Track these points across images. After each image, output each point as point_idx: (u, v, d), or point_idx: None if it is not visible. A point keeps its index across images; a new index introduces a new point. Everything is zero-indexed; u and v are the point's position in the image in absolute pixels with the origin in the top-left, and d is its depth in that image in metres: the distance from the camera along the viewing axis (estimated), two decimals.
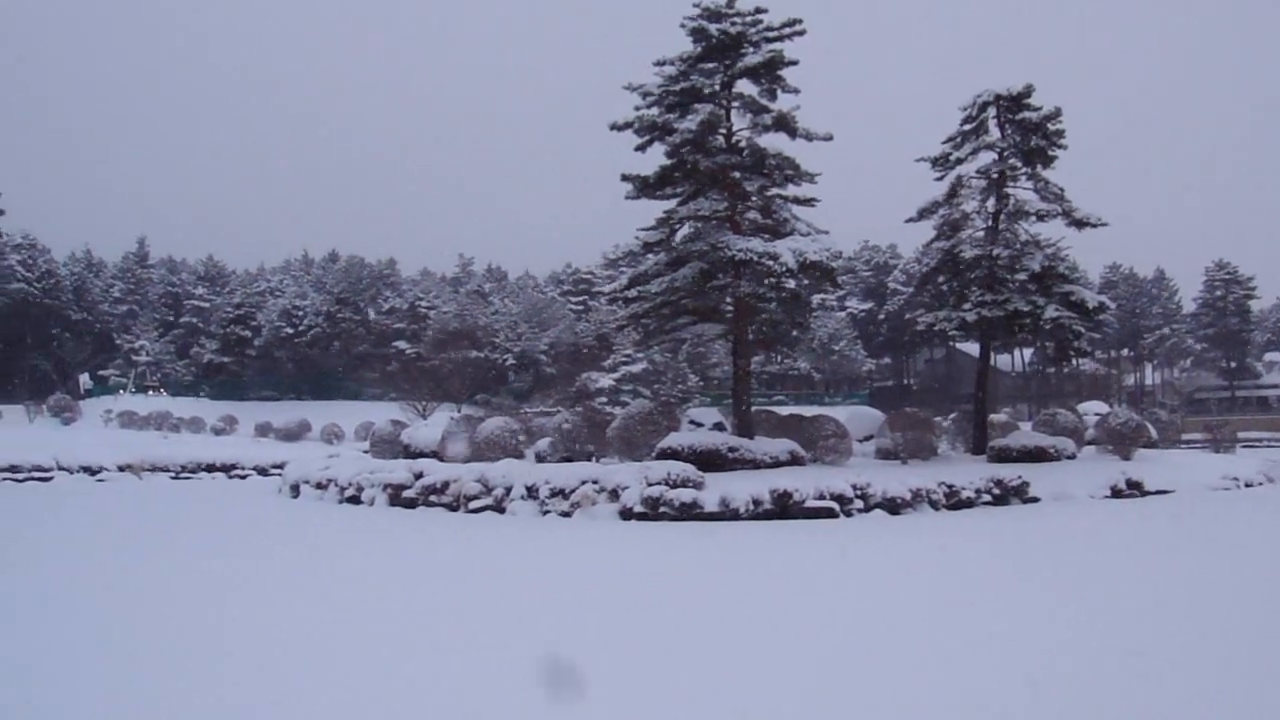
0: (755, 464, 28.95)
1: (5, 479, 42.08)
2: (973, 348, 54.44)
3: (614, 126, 33.48)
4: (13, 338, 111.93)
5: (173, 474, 46.32)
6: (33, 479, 42.49)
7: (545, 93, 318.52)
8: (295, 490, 34.27)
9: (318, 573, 16.43)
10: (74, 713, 8.02)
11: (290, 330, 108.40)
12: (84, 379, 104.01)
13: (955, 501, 26.73)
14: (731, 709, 8.02)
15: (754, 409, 35.00)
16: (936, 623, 11.39)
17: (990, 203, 37.13)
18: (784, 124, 32.71)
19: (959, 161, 36.94)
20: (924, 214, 37.89)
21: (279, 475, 40.35)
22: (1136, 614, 11.87)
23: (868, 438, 38.78)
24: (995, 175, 36.58)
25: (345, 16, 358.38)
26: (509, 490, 26.71)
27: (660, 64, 33.46)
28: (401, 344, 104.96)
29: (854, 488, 24.88)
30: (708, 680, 8.83)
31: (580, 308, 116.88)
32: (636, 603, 12.83)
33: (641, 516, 23.80)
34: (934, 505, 26.14)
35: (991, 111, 36.81)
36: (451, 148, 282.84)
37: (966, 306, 35.98)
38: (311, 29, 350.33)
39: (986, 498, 27.50)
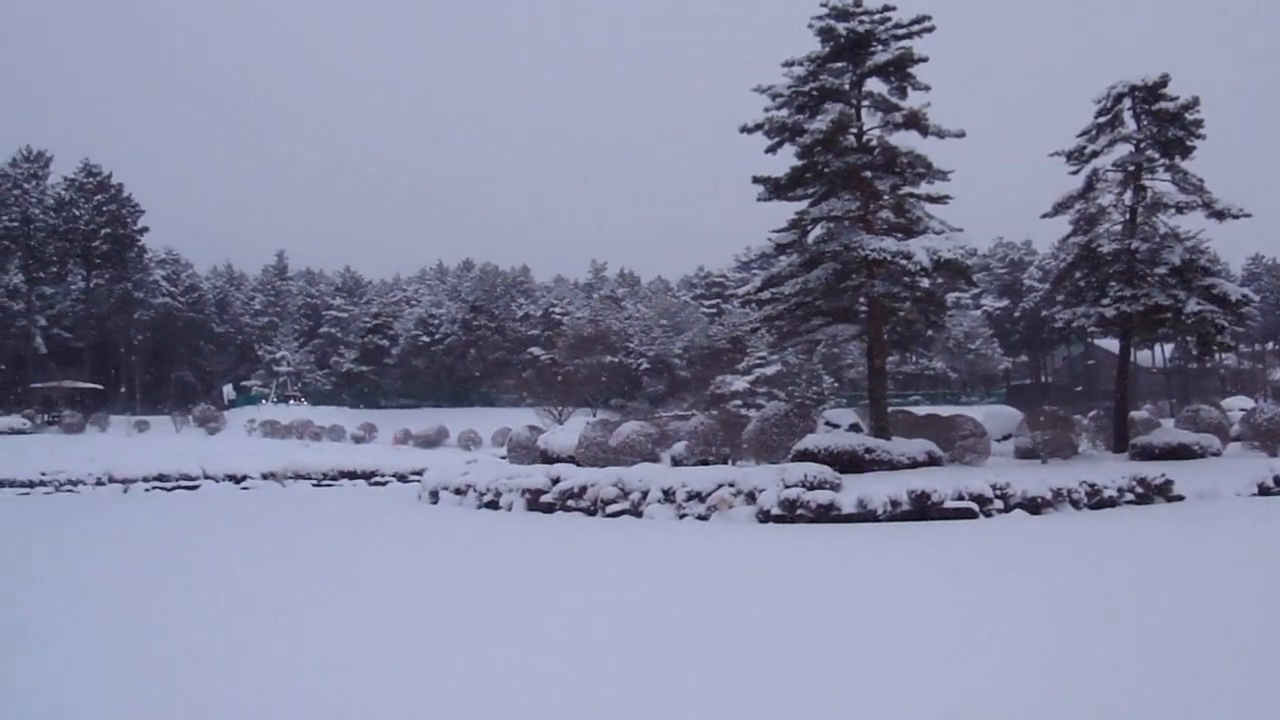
0: (892, 465, 28.71)
1: (155, 488, 43.21)
2: (1112, 344, 53.55)
3: (744, 129, 33.43)
4: (159, 350, 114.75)
5: (314, 481, 47.18)
6: (180, 488, 43.60)
7: (675, 96, 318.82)
8: (434, 496, 34.68)
9: (460, 576, 16.63)
10: (289, 695, 8.24)
11: (427, 338, 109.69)
12: (228, 390, 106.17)
13: (1097, 501, 26.22)
14: None
15: (890, 409, 34.74)
16: (1109, 626, 11.16)
17: (1127, 196, 36.36)
18: (915, 122, 32.45)
19: (1094, 155, 36.23)
20: (1059, 209, 37.24)
21: (418, 481, 40.84)
22: None
23: (1006, 437, 38.31)
24: (1132, 168, 35.83)
25: (473, 25, 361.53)
26: (646, 494, 26.79)
27: (789, 65, 33.37)
28: (536, 350, 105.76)
29: (993, 488, 24.53)
30: (867, 690, 8.64)
31: (713, 310, 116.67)
32: (781, 607, 12.70)
33: (779, 519, 23.72)
34: (1075, 505, 25.67)
35: (1127, 103, 36.03)
36: (584, 153, 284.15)
37: (1105, 302, 35.30)
38: (440, 39, 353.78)
39: (1130, 497, 26.94)
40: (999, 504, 24.31)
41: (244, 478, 46.02)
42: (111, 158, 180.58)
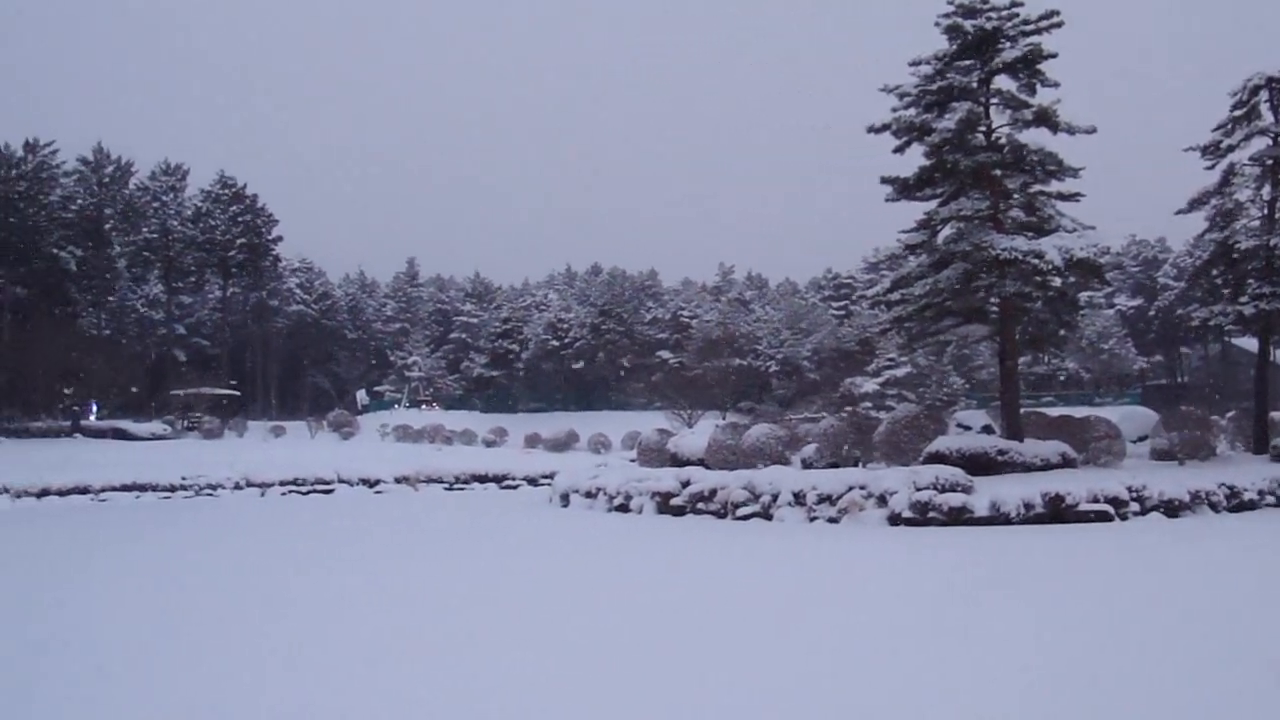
0: (1025, 467, 28.37)
1: (290, 491, 43.99)
2: (1250, 342, 52.24)
3: (871, 129, 33.26)
4: (294, 357, 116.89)
5: (446, 485, 47.71)
6: (316, 491, 44.34)
7: (802, 95, 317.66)
8: (565, 499, 34.91)
9: (596, 578, 16.76)
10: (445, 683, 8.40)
11: (556, 343, 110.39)
12: (361, 395, 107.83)
13: (1237, 504, 25.71)
14: None
15: (1022, 411, 34.33)
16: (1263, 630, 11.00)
17: (1266, 190, 35.53)
18: (1044, 119, 32.02)
19: (1230, 149, 35.45)
20: (1195, 205, 36.52)
21: (548, 485, 41.12)
22: None
23: (1141, 438, 37.62)
24: (1270, 161, 35.04)
25: (597, 29, 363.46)
26: (776, 497, 26.76)
27: (915, 64, 33.13)
28: (665, 353, 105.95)
29: (1129, 490, 24.15)
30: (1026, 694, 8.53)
31: (841, 312, 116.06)
32: (917, 612, 12.62)
33: (910, 522, 23.58)
34: (1214, 507, 25.19)
35: (1264, 95, 35.17)
36: (711, 155, 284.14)
37: (1243, 300, 34.56)
38: (569, 45, 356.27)
39: (1270, 499, 26.36)
40: (1135, 507, 23.93)
41: (377, 482, 46.65)
42: (246, 169, 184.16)
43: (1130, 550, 18.65)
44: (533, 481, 48.86)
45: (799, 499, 26.18)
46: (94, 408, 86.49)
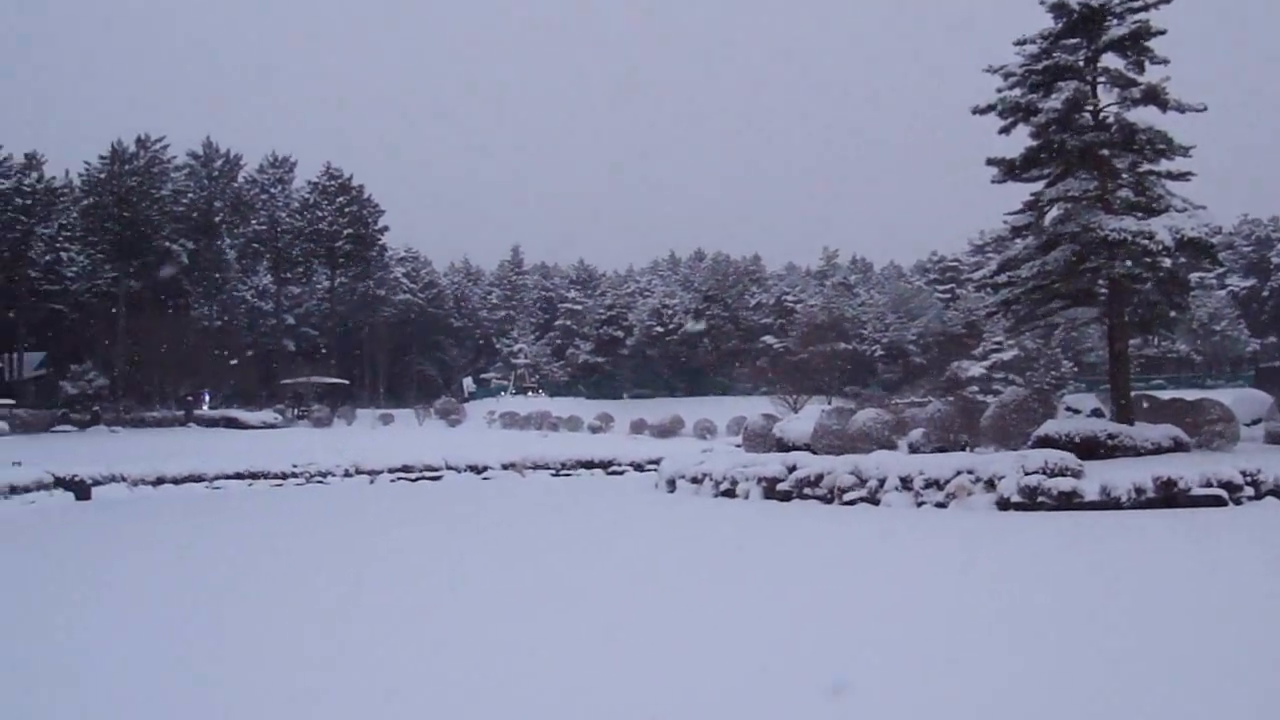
0: (1135, 451, 28.00)
1: (399, 478, 44.48)
2: None
3: (976, 110, 33.01)
4: (401, 345, 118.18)
5: (553, 471, 47.91)
6: (424, 478, 44.78)
7: (903, 79, 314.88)
8: (671, 485, 34.99)
9: (710, 562, 16.83)
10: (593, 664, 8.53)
11: (661, 329, 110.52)
12: (467, 382, 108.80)
13: None
14: None
15: (1132, 394, 33.89)
16: None
17: None
18: (1153, 97, 31.57)
19: None
20: None
21: (654, 471, 41.19)
22: None
23: (1255, 421, 36.95)
24: None
25: (704, 17, 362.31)
26: (883, 482, 26.65)
27: (1020, 43, 32.78)
28: (769, 339, 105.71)
29: (1243, 474, 23.72)
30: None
31: (947, 296, 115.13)
32: (1034, 600, 12.52)
33: (1019, 506, 23.38)
34: None
35: None
36: (812, 139, 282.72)
37: None
38: (668, 32, 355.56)
39: None
40: (1249, 491, 23.52)
41: (485, 468, 46.99)
42: (351, 161, 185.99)
43: (1245, 534, 18.42)
44: (638, 467, 48.90)
45: (906, 484, 26.06)
46: (207, 397, 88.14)
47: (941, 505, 24.76)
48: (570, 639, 10.65)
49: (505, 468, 47.21)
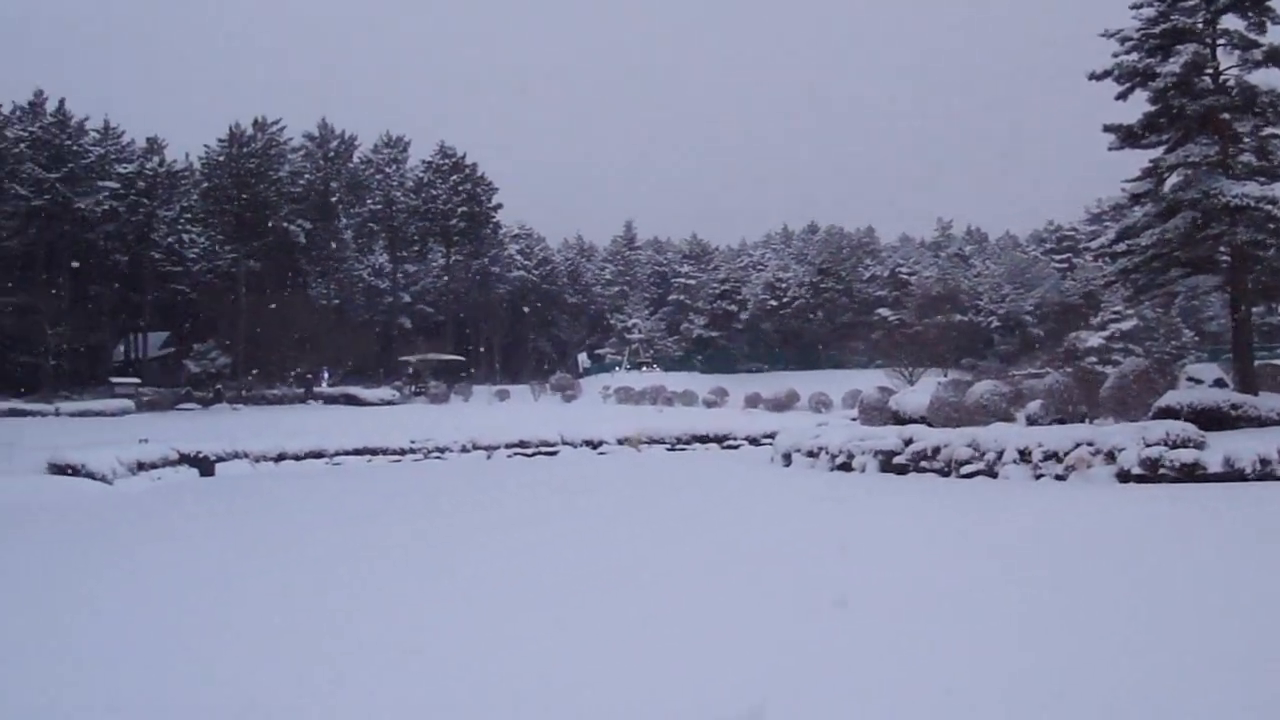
0: (1260, 421, 27.47)
1: (516, 454, 44.96)
2: None
3: (1092, 76, 32.57)
4: (516, 322, 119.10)
5: (668, 445, 48.07)
6: (540, 453, 45.23)
7: (1017, 45, 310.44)
8: (787, 459, 34.94)
9: (827, 536, 16.80)
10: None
11: (774, 302, 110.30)
12: (582, 358, 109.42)
13: None
14: None
15: (1257, 363, 33.30)
16: None
17: None
18: (1275, 58, 30.91)
19: None
20: None
21: (769, 444, 41.14)
22: None
23: None
24: None
25: None
26: (1000, 454, 26.43)
27: (1137, 6, 32.22)
28: (884, 311, 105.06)
29: None
30: None
31: (1064, 265, 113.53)
32: (1174, 580, 12.28)
33: (1139, 479, 23.05)
34: None
35: None
36: (925, 108, 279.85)
37: None
38: (769, 5, 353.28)
39: None
40: None
41: (600, 443, 47.31)
42: (464, 138, 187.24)
43: None
44: (754, 441, 48.85)
45: (1024, 456, 25.82)
46: (326, 375, 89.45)
47: (1060, 478, 24.50)
48: (695, 616, 10.70)
49: (620, 443, 47.49)
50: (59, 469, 33.56)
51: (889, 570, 12.89)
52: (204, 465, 38.92)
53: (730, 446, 48.65)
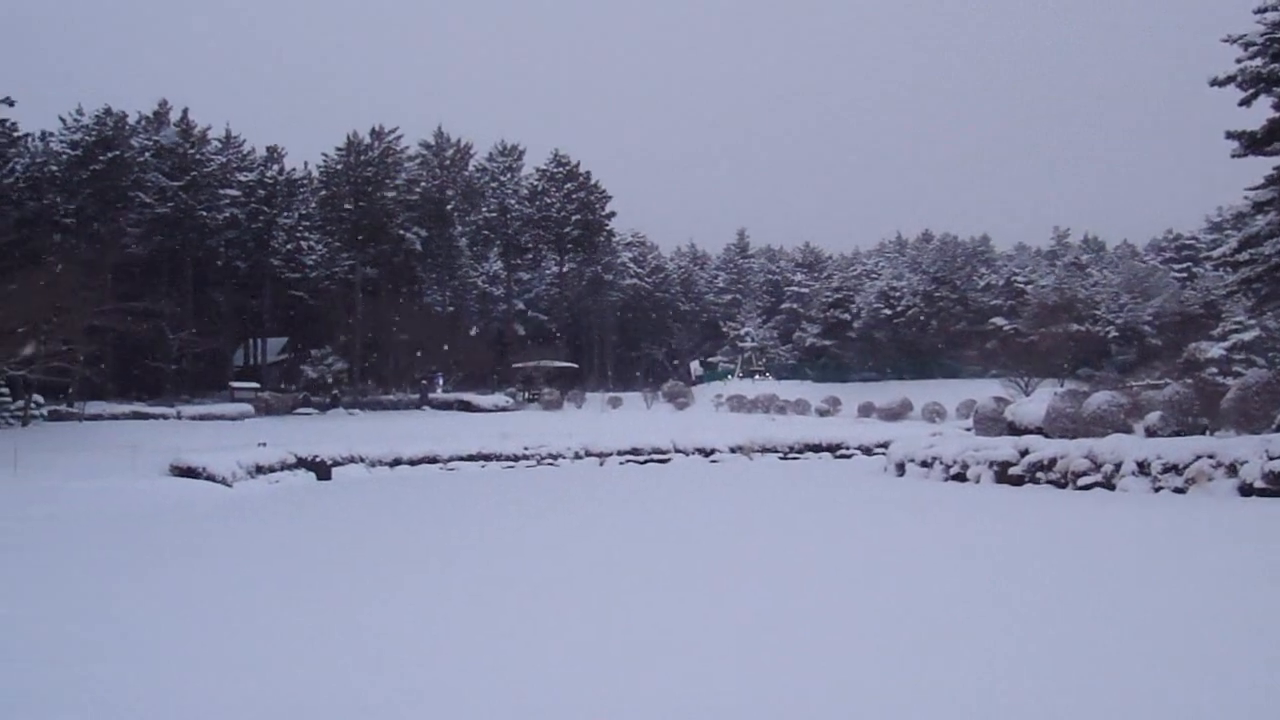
0: None
1: (628, 461, 45.15)
2: None
3: (1214, 82, 32.11)
4: (628, 329, 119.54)
5: (780, 454, 48.04)
6: (652, 461, 45.36)
7: (1136, 51, 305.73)
8: (900, 469, 34.79)
9: (957, 549, 16.71)
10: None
11: (888, 311, 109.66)
12: (694, 365, 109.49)
13: None
14: None
15: None
16: None
17: None
18: None
19: None
20: None
21: (883, 454, 40.99)
22: None
23: None
24: None
25: None
26: (1118, 466, 26.11)
27: (1261, 10, 31.77)
28: (999, 320, 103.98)
29: None
30: None
31: (1184, 275, 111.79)
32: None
33: (1262, 492, 22.62)
34: None
35: None
36: (1041, 116, 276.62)
37: None
38: (881, 10, 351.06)
39: None
40: None
41: (712, 451, 47.38)
42: (578, 147, 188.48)
43: None
44: (867, 451, 48.67)
45: (1142, 468, 25.47)
46: (440, 381, 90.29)
47: (1180, 491, 24.14)
48: (815, 629, 10.72)
49: (733, 451, 47.52)
50: (181, 471, 34.33)
51: (1028, 585, 12.80)
52: (321, 469, 39.54)
53: (843, 456, 48.52)
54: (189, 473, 34.29)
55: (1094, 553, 15.76)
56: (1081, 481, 26.57)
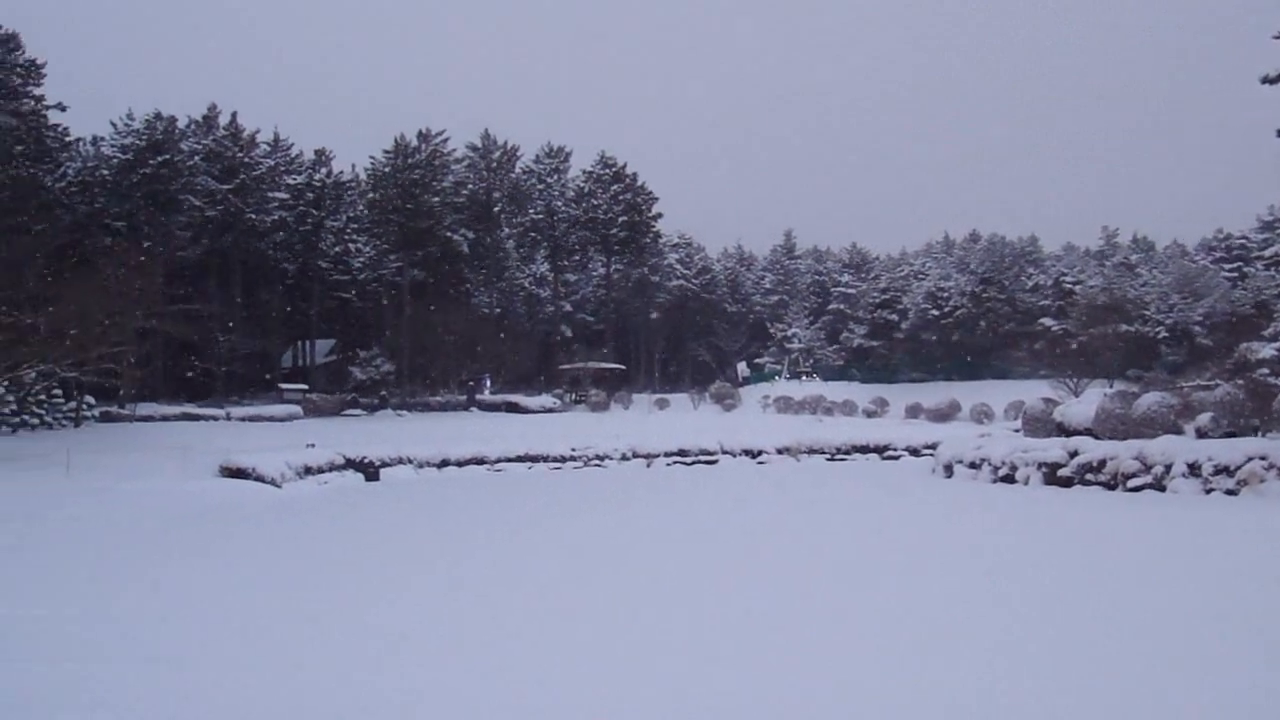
0: None
1: (675, 462, 45.20)
2: None
3: (1265, 80, 31.92)
4: (675, 331, 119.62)
5: (828, 456, 47.99)
6: (700, 462, 45.40)
7: (1184, 49, 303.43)
8: (948, 470, 34.69)
9: (1002, 550, 16.68)
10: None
11: (936, 312, 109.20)
12: (741, 367, 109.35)
13: None
14: None
15: None
16: None
17: None
18: None
19: None
20: None
21: (930, 455, 40.90)
22: None
23: None
24: None
25: None
26: (1169, 468, 25.96)
27: None
28: (1047, 321, 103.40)
29: None
30: None
31: (1234, 275, 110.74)
32: None
33: None
34: None
35: None
36: (1088, 115, 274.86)
37: None
38: (933, 10, 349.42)
39: None
40: None
41: (759, 452, 47.37)
42: (624, 148, 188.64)
43: None
44: (914, 452, 48.54)
45: (1193, 470, 25.33)
46: (488, 382, 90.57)
47: (1231, 493, 24.01)
48: (866, 633, 10.74)
49: (780, 452, 47.49)
50: (230, 472, 34.64)
51: (1077, 589, 12.77)
52: (369, 470, 39.79)
53: (890, 457, 48.41)
54: (239, 474, 34.59)
55: (1146, 556, 15.71)
56: (1132, 483, 26.44)
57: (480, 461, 43.95)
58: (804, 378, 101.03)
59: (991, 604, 11.68)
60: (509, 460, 44.45)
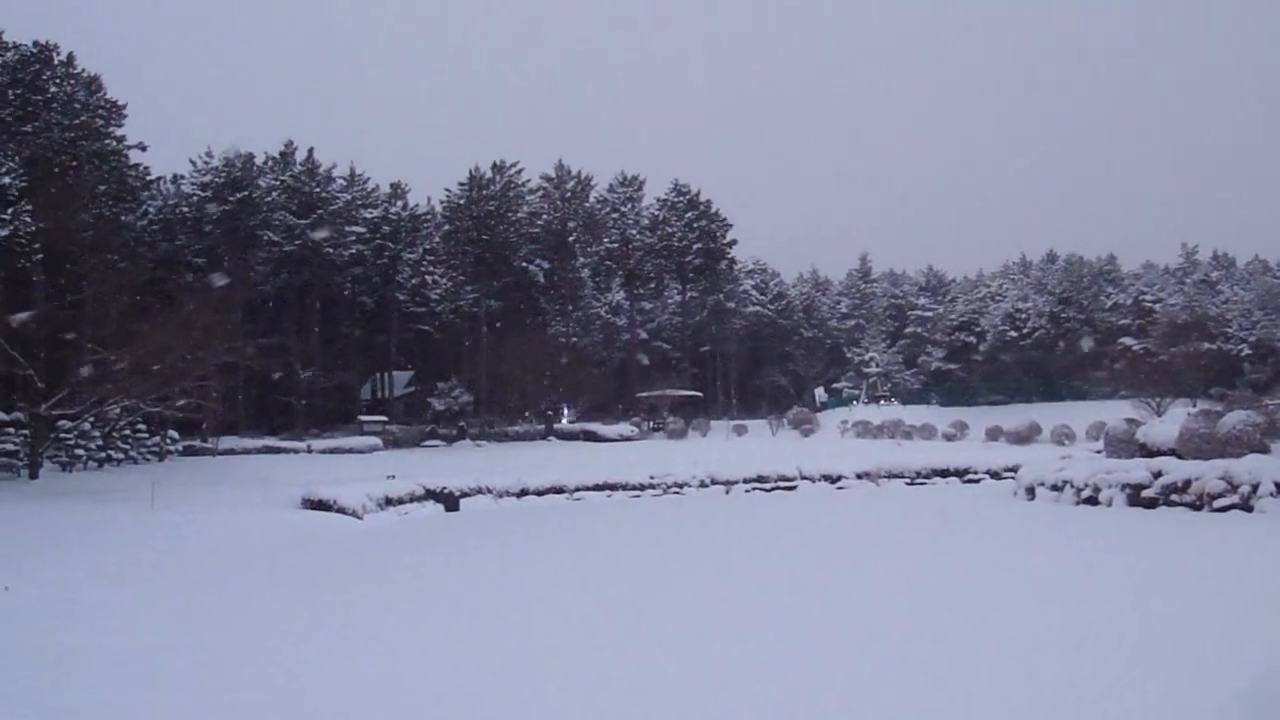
0: None
1: (754, 489, 45.11)
2: None
3: None
4: (751, 357, 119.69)
5: (907, 480, 47.71)
6: (779, 488, 45.31)
7: (1259, 64, 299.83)
8: (1030, 493, 34.40)
9: (1102, 575, 16.55)
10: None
11: (1014, 333, 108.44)
12: (819, 392, 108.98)
13: None
14: None
15: None
16: None
17: None
18: None
19: None
20: None
21: (1011, 478, 40.56)
22: None
23: None
24: None
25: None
26: (1255, 487, 25.63)
27: None
28: (1127, 340, 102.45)
29: None
30: None
31: None
32: None
33: None
34: None
35: None
36: (1166, 132, 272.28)
37: None
38: (1008, 30, 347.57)
39: None
40: None
41: (839, 478, 47.20)
42: (698, 175, 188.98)
43: None
44: (995, 475, 48.13)
45: None
46: (566, 411, 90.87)
47: None
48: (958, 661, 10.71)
49: (859, 477, 47.31)
50: (312, 504, 35.02)
51: (1165, 614, 12.67)
52: (449, 500, 40.07)
53: (971, 480, 48.05)
54: (320, 505, 34.97)
55: (1235, 579, 15.52)
56: (1218, 504, 26.12)
57: (559, 490, 44.08)
58: (882, 402, 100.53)
59: (1103, 630, 11.60)
60: (587, 489, 44.53)
